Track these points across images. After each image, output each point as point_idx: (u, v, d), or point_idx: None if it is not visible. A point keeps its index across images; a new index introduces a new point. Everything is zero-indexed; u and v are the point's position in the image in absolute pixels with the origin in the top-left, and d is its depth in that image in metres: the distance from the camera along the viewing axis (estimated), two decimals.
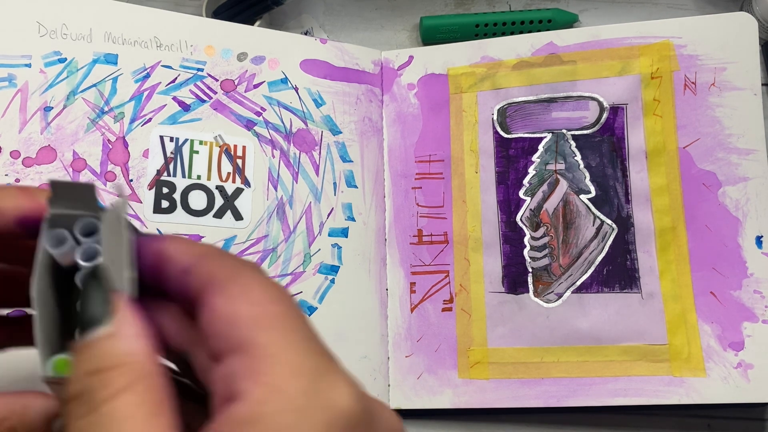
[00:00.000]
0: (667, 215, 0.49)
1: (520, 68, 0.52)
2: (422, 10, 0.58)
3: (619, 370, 0.47)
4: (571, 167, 0.51)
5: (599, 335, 0.48)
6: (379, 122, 0.54)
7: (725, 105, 0.50)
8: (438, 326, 0.50)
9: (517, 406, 0.48)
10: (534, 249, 0.50)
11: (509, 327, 0.49)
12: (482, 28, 0.56)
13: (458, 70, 0.53)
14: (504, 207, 0.51)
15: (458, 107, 0.53)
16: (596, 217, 0.50)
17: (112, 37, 0.49)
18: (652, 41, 0.51)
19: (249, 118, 0.51)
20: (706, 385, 0.46)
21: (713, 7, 0.57)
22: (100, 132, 0.47)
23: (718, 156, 0.49)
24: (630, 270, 0.49)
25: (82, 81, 0.48)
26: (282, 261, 0.49)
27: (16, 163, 0.45)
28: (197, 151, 0.49)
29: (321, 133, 0.52)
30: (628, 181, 0.50)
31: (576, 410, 0.48)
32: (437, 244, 0.51)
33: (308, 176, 0.51)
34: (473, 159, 0.52)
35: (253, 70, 0.51)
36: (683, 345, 0.47)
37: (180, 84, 0.50)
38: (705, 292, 0.48)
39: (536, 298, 0.49)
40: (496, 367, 0.49)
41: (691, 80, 0.50)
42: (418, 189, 0.52)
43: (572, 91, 0.52)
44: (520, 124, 0.52)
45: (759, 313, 0.47)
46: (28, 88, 0.46)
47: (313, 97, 0.52)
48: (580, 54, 0.52)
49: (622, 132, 0.51)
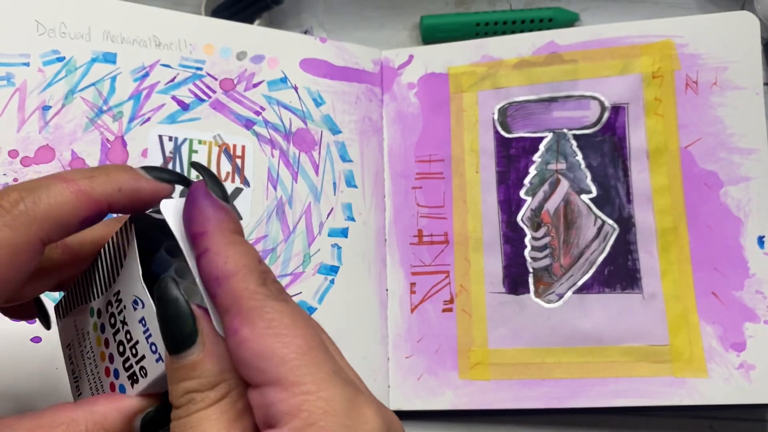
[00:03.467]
0: (668, 215, 0.49)
1: (521, 67, 0.52)
2: (422, 9, 0.58)
3: (621, 371, 0.47)
4: (572, 167, 0.51)
5: (600, 336, 0.48)
6: (379, 122, 0.53)
7: (727, 104, 0.49)
8: (438, 327, 0.50)
9: (518, 408, 0.48)
10: (535, 249, 0.50)
11: (510, 328, 0.49)
12: (483, 27, 0.56)
13: (459, 69, 0.53)
14: (505, 207, 0.51)
15: (459, 107, 0.53)
16: (597, 217, 0.50)
17: (110, 36, 0.48)
18: (654, 40, 0.51)
19: (248, 118, 0.50)
20: (708, 386, 0.46)
21: (715, 6, 0.57)
22: (99, 131, 0.47)
23: (719, 156, 0.49)
24: (631, 270, 0.49)
25: (81, 80, 0.47)
26: (281, 261, 0.49)
27: (15, 163, 0.45)
28: (196, 150, 0.49)
29: (321, 133, 0.52)
30: (630, 181, 0.50)
31: (577, 411, 0.48)
32: (437, 244, 0.51)
33: (308, 176, 0.51)
34: (474, 159, 0.52)
35: (253, 69, 0.51)
36: (685, 346, 0.47)
37: (179, 83, 0.49)
38: (707, 293, 0.48)
39: (537, 298, 0.49)
40: (497, 368, 0.48)
41: (693, 79, 0.50)
42: (418, 189, 0.52)
43: (573, 91, 0.51)
44: (521, 124, 0.52)
45: (761, 313, 0.47)
46: (26, 87, 0.46)
47: (313, 97, 0.52)
48: (581, 53, 0.51)
49: (623, 131, 0.51)
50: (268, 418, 0.22)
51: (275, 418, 0.21)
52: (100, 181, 0.25)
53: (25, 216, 0.23)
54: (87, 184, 0.24)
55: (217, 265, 0.23)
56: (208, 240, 0.23)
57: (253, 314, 0.22)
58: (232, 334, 0.22)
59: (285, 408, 0.21)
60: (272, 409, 0.21)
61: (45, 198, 0.24)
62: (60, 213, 0.24)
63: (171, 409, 0.24)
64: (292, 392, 0.21)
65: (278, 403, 0.21)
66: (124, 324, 0.27)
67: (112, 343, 0.27)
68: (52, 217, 0.23)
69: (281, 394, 0.21)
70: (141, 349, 0.26)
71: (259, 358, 0.22)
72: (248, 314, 0.22)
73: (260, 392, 0.22)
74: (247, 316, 0.22)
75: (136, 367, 0.26)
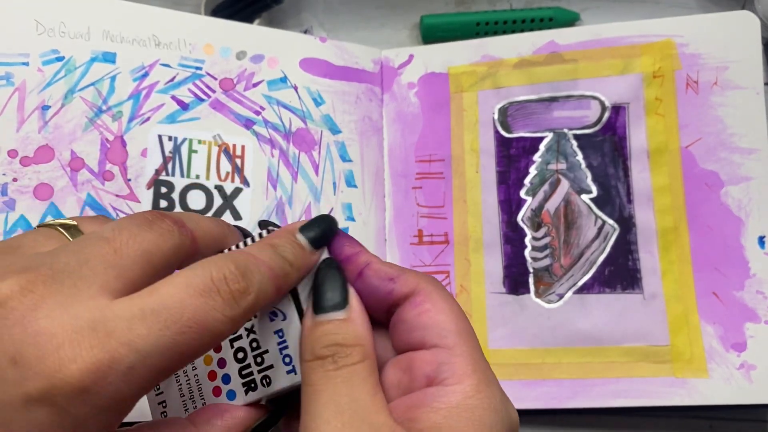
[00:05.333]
0: (669, 215, 0.49)
1: (521, 67, 0.52)
2: (423, 9, 0.58)
3: (621, 372, 0.47)
4: (572, 167, 0.51)
5: (601, 336, 0.48)
6: (379, 121, 0.53)
7: (727, 104, 0.49)
8: None
9: (518, 408, 0.47)
10: (535, 249, 0.50)
11: (510, 328, 0.49)
12: (483, 26, 0.56)
13: (459, 69, 0.53)
14: (505, 207, 0.51)
15: (459, 106, 0.53)
16: (598, 217, 0.50)
17: (110, 35, 0.48)
18: (654, 40, 0.51)
19: (248, 117, 0.50)
20: (709, 386, 0.46)
21: (715, 6, 0.57)
22: (98, 131, 0.47)
23: (720, 155, 0.49)
24: (632, 270, 0.49)
25: (80, 80, 0.47)
26: None
27: (14, 163, 0.45)
28: (196, 150, 0.49)
29: (320, 133, 0.51)
30: (630, 181, 0.50)
31: (577, 411, 0.48)
32: (438, 244, 0.51)
33: (308, 176, 0.51)
34: (474, 158, 0.52)
35: (252, 68, 0.51)
36: (685, 346, 0.47)
37: (179, 83, 0.49)
38: (707, 293, 0.48)
39: (537, 298, 0.49)
40: (497, 369, 0.48)
41: (693, 79, 0.50)
42: (418, 189, 0.52)
43: (574, 90, 0.51)
44: (521, 124, 0.52)
45: (761, 313, 0.47)
46: (25, 87, 0.46)
47: (313, 96, 0.52)
48: (581, 53, 0.51)
49: (623, 131, 0.50)
50: (438, 375, 0.25)
51: (446, 375, 0.25)
52: (288, 269, 0.26)
53: (247, 308, 0.24)
54: (282, 273, 0.26)
55: (386, 269, 0.28)
56: (365, 256, 0.28)
57: (433, 295, 0.27)
58: (415, 306, 0.27)
59: (459, 369, 0.25)
60: (445, 368, 0.25)
61: (258, 287, 0.24)
62: (264, 303, 0.25)
63: (275, 421, 0.27)
64: (465, 358, 0.25)
65: (452, 363, 0.25)
66: (250, 332, 0.28)
67: (226, 349, 0.28)
68: (257, 309, 0.25)
69: (455, 357, 0.25)
70: (270, 359, 0.27)
71: (439, 326, 0.26)
72: (428, 294, 0.27)
73: (432, 353, 0.26)
74: (429, 295, 0.27)
75: (258, 375, 0.27)
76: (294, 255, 0.26)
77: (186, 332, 0.21)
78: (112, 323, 0.20)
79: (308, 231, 0.27)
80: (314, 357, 0.25)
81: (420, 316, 0.26)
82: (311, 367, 0.25)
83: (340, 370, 0.25)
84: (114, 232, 0.23)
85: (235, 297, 0.22)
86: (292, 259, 0.26)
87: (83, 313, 0.20)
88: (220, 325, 0.22)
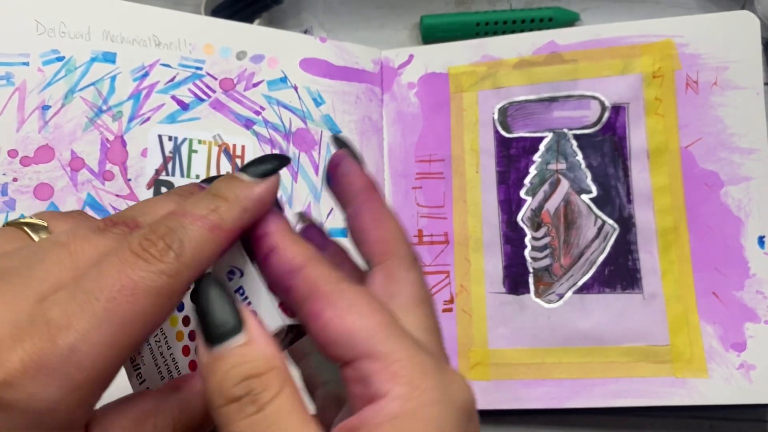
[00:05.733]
0: (669, 215, 0.49)
1: (521, 67, 0.52)
2: (423, 9, 0.58)
3: (621, 371, 0.47)
4: (572, 167, 0.51)
5: (601, 336, 0.48)
6: (379, 122, 0.53)
7: (727, 104, 0.49)
8: None
9: (519, 408, 0.48)
10: (535, 249, 0.50)
11: (510, 328, 0.49)
12: (483, 26, 0.56)
13: (459, 69, 0.53)
14: (505, 207, 0.51)
15: (459, 106, 0.53)
16: (598, 217, 0.50)
17: (110, 35, 0.48)
18: (654, 40, 0.51)
19: (248, 117, 0.50)
20: (708, 386, 0.46)
21: (715, 6, 0.57)
22: (99, 131, 0.47)
23: (720, 155, 0.49)
24: (632, 270, 0.49)
25: (81, 79, 0.47)
26: None
27: (14, 163, 0.45)
28: (196, 150, 0.49)
29: (320, 133, 0.51)
30: (630, 181, 0.50)
31: (577, 411, 0.48)
32: (438, 244, 0.51)
33: (308, 176, 0.51)
34: (474, 158, 0.52)
35: (252, 68, 0.51)
36: (685, 346, 0.47)
37: (179, 83, 0.49)
38: (707, 293, 0.48)
39: (537, 298, 0.49)
40: (497, 369, 0.48)
41: (693, 79, 0.50)
42: (418, 189, 0.52)
43: (573, 90, 0.51)
44: (521, 124, 0.52)
45: (761, 313, 0.47)
46: (25, 87, 0.46)
47: (313, 96, 0.52)
48: (581, 53, 0.51)
49: (623, 131, 0.50)
50: (367, 391, 0.22)
51: (375, 388, 0.22)
52: (225, 208, 0.24)
53: (176, 263, 0.22)
54: (217, 218, 0.23)
55: (288, 259, 0.24)
56: (273, 239, 0.24)
57: (334, 296, 0.23)
58: (316, 317, 0.23)
59: (385, 376, 0.22)
60: (371, 380, 0.22)
61: (188, 242, 0.23)
62: (203, 255, 0.23)
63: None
64: (387, 361, 0.22)
65: (376, 373, 0.22)
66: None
67: (189, 308, 0.27)
68: (197, 261, 0.23)
69: (376, 364, 0.22)
70: None
71: (348, 334, 0.22)
72: (329, 297, 0.23)
73: (353, 367, 0.22)
74: (328, 299, 0.23)
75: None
76: (229, 189, 0.24)
77: (117, 298, 0.21)
78: (50, 312, 0.21)
79: (248, 165, 0.25)
80: (227, 401, 0.21)
81: (325, 330, 0.22)
82: (227, 414, 0.21)
83: (264, 410, 0.21)
84: (68, 236, 0.23)
85: (160, 253, 0.22)
86: (228, 194, 0.24)
87: (25, 308, 0.21)
88: (150, 282, 0.21)
